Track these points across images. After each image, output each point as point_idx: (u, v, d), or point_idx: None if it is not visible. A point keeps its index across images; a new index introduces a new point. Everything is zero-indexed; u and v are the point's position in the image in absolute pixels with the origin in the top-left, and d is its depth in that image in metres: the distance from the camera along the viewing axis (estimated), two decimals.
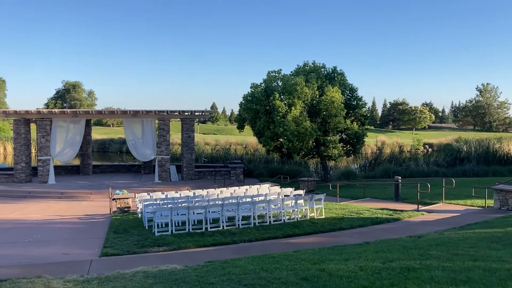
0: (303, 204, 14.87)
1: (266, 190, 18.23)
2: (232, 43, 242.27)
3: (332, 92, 25.96)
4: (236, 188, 18.31)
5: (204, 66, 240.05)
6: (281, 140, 26.77)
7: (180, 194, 17.26)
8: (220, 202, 13.71)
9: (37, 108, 38.89)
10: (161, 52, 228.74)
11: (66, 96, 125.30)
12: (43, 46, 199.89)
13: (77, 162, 33.25)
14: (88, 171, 30.30)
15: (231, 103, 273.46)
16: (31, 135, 27.49)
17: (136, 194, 17.21)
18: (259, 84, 28.79)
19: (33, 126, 28.31)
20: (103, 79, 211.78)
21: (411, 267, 7.09)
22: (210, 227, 12.79)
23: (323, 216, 14.57)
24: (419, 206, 16.47)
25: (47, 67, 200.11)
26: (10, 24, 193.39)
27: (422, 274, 6.53)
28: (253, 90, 28.20)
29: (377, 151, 46.84)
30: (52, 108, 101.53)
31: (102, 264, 9.00)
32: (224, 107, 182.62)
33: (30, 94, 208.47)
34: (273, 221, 13.78)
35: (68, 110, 26.65)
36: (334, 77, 28.49)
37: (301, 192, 17.19)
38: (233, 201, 14.55)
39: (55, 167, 27.17)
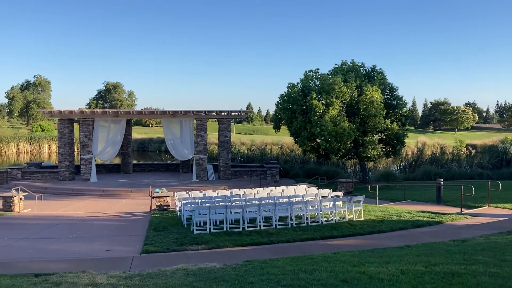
0: (341, 206, 14.70)
1: (303, 191, 18.11)
2: (269, 43, 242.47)
3: (371, 91, 25.50)
4: (273, 188, 18.29)
5: (240, 66, 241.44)
6: (318, 140, 26.54)
7: (217, 193, 17.42)
8: (257, 202, 13.72)
9: (79, 108, 40.22)
10: (199, 53, 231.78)
11: (107, 97, 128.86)
12: (86, 47, 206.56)
13: (117, 161, 34.14)
14: (129, 170, 31.04)
15: (267, 103, 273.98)
16: (74, 134, 28.43)
17: (175, 193, 17.49)
18: (296, 84, 28.65)
19: (76, 126, 29.29)
20: (143, 79, 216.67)
21: (456, 272, 6.86)
22: (248, 227, 12.82)
23: (362, 218, 14.32)
24: (463, 209, 15.93)
25: (89, 68, 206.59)
26: (55, 26, 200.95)
27: (468, 280, 6.31)
28: (289, 90, 28.09)
29: (418, 152, 45.70)
30: (93, 108, 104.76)
31: (143, 261, 9.18)
32: (259, 107, 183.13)
33: (73, 95, 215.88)
34: (311, 222, 13.67)
35: (110, 110, 27.41)
36: (373, 76, 27.98)
37: (339, 193, 16.99)
38: (270, 201, 14.54)
39: (97, 166, 27.99)
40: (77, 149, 36.42)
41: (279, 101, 28.65)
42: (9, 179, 26.58)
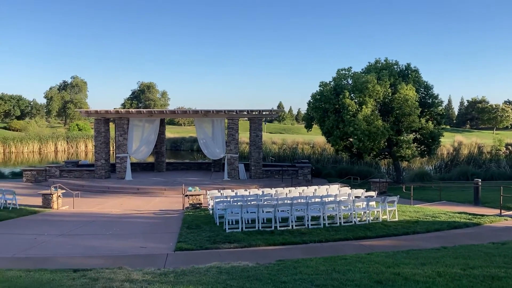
0: (375, 206, 14.49)
1: (336, 190, 17.95)
2: (300, 42, 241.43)
3: (406, 89, 24.99)
4: (305, 188, 18.20)
5: (271, 65, 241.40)
6: (351, 139, 26.22)
7: (249, 192, 17.48)
8: (289, 202, 13.69)
9: (114, 108, 41.17)
10: (231, 53, 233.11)
11: (141, 97, 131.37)
12: (121, 48, 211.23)
13: (151, 159, 34.75)
14: (162, 168, 31.55)
15: (298, 102, 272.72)
16: (110, 133, 29.12)
17: (207, 191, 17.66)
18: (328, 82, 28.39)
19: (112, 125, 30.00)
20: (176, 79, 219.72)
21: (496, 276, 6.65)
22: (280, 226, 12.80)
23: (396, 219, 14.07)
24: (502, 211, 15.39)
25: (124, 69, 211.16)
26: (92, 28, 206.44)
27: (508, 284, 6.11)
28: (322, 89, 27.87)
29: (454, 152, 44.52)
30: (128, 108, 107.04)
31: (177, 258, 9.32)
32: (290, 106, 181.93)
33: (108, 95, 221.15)
34: (344, 222, 13.54)
35: (144, 110, 27.93)
36: (407, 74, 27.41)
37: (372, 193, 16.74)
38: (302, 201, 14.47)
39: (132, 164, 28.56)
40: (113, 148, 37.25)
41: (311, 100, 28.47)
42: (47, 177, 27.50)
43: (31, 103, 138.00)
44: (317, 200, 14.76)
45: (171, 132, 75.83)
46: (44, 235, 12.50)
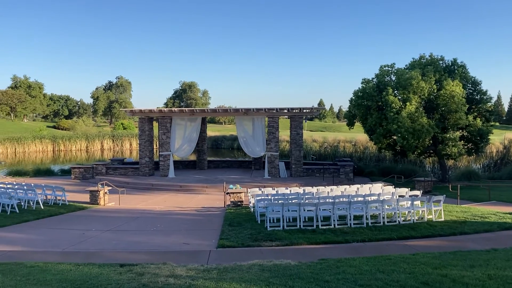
0: (419, 206, 14.09)
1: (379, 189, 17.59)
2: (341, 38, 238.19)
3: (452, 85, 24.12)
4: (347, 186, 17.95)
5: (312, 62, 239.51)
6: (395, 137, 25.59)
7: (290, 191, 17.42)
8: (331, 200, 13.54)
9: (157, 107, 42.08)
10: (271, 51, 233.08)
11: (183, 96, 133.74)
12: (164, 49, 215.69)
13: (193, 157, 35.26)
14: (204, 166, 31.99)
15: (339, 100, 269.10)
16: (153, 132, 29.79)
17: (248, 189, 17.74)
18: (370, 79, 27.83)
19: (155, 124, 30.67)
20: (216, 78, 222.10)
21: None
22: (321, 225, 12.68)
23: (442, 219, 13.62)
24: None
25: (167, 69, 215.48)
26: (137, 30, 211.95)
27: None
28: (364, 86, 27.35)
29: (504, 150, 42.53)
30: (170, 107, 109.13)
31: (220, 255, 9.41)
32: (331, 104, 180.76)
33: (151, 94, 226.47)
34: (387, 222, 13.26)
35: (186, 109, 28.38)
36: (454, 70, 26.44)
37: (417, 192, 16.29)
38: (344, 199, 14.27)
39: (174, 162, 29.10)
40: (156, 146, 38.12)
41: (353, 97, 28.00)
42: (94, 174, 28.47)
43: (79, 103, 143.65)
44: (359, 199, 14.53)
45: (212, 131, 76.69)
46: (91, 231, 12.96)
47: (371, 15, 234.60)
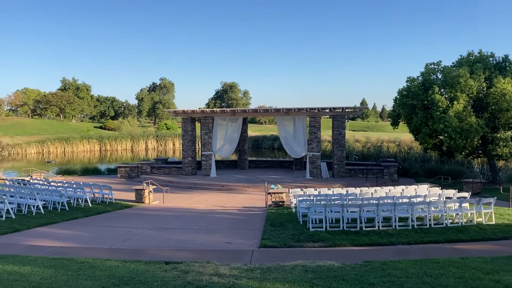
0: (468, 208, 13.57)
1: (425, 191, 17.09)
2: (385, 37, 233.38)
3: (503, 83, 23.04)
4: (391, 187, 17.55)
5: (354, 61, 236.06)
6: (441, 137, 24.78)
7: (332, 192, 17.22)
8: (375, 202, 13.28)
9: (199, 108, 42.74)
10: (311, 50, 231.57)
11: (224, 96, 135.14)
12: (206, 50, 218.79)
13: (234, 157, 35.54)
14: (245, 166, 32.18)
15: (383, 99, 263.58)
16: (196, 132, 30.25)
17: (290, 189, 17.68)
18: (415, 77, 27.05)
19: (197, 124, 31.15)
20: (257, 79, 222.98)
21: None
22: (365, 227, 12.45)
23: (493, 222, 13.06)
24: None
25: (208, 70, 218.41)
26: (178, 33, 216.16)
27: None
28: (409, 84, 26.62)
29: None
30: (212, 108, 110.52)
31: (262, 255, 9.41)
32: (374, 103, 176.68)
33: (193, 95, 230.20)
34: (434, 224, 12.84)
35: (228, 109, 28.63)
36: (505, 67, 25.25)
37: (465, 194, 15.70)
38: (389, 201, 13.94)
39: (216, 162, 29.43)
40: (198, 146, 38.66)
41: (397, 96, 27.30)
42: (139, 173, 29.23)
43: (124, 104, 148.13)
44: (405, 200, 14.16)
45: (252, 131, 77.08)
46: (137, 228, 13.30)
47: (415, 13, 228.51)
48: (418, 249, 10.16)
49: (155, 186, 20.54)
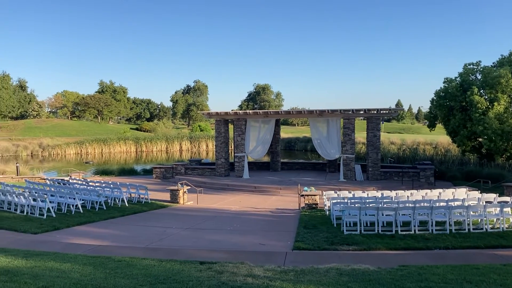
0: (510, 213, 13.09)
1: (463, 194, 16.59)
2: (422, 38, 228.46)
3: None
4: (428, 191, 17.15)
5: (388, 61, 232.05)
6: (480, 139, 24.11)
7: (367, 194, 16.97)
8: (411, 205, 13.00)
9: (232, 110, 43.09)
10: (344, 51, 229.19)
11: (256, 98, 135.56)
12: (238, 52, 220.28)
13: (267, 159, 35.55)
14: (277, 168, 32.15)
15: (419, 100, 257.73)
16: (229, 134, 30.47)
17: (323, 192, 17.55)
18: (453, 78, 26.42)
19: (230, 126, 31.37)
20: (289, 80, 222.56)
21: None
22: (401, 230, 12.22)
23: None
24: None
25: (241, 72, 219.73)
26: (211, 36, 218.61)
27: None
28: (446, 85, 26.01)
29: None
30: (244, 110, 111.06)
31: (296, 257, 9.39)
32: (410, 105, 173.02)
33: (226, 97, 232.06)
34: (473, 229, 12.46)
35: (260, 111, 28.69)
36: None
37: (507, 199, 15.13)
38: (426, 204, 13.63)
39: (248, 163, 29.52)
40: (231, 147, 38.94)
41: (434, 98, 26.74)
42: (174, 174, 29.69)
43: (159, 106, 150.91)
44: (442, 204, 13.81)
45: (285, 132, 76.99)
46: (172, 228, 13.52)
47: (454, 12, 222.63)
48: (456, 254, 9.89)
49: (189, 187, 20.82)
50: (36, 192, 17.35)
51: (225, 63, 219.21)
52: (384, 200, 14.91)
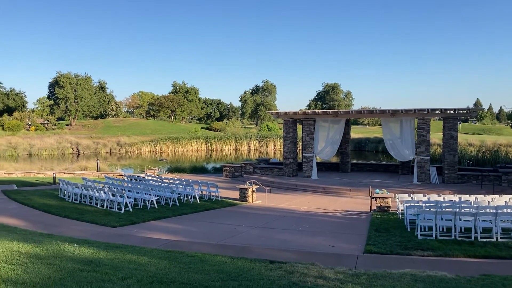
0: None
1: None
2: (502, 34, 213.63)
3: None
4: (511, 196, 15.99)
5: (466, 59, 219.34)
6: None
7: (443, 198, 16.19)
8: (492, 211, 12.20)
9: (300, 109, 42.82)
10: (419, 49, 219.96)
11: (325, 98, 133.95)
12: (307, 51, 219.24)
13: (335, 159, 35.01)
14: (346, 169, 31.53)
15: (500, 99, 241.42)
16: (297, 133, 30.39)
17: (396, 195, 16.97)
18: None
19: (298, 126, 31.27)
20: (359, 79, 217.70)
21: None
22: (480, 237, 11.51)
23: None
24: None
25: (309, 71, 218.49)
26: (280, 37, 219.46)
27: None
28: None
29: None
30: (313, 109, 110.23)
31: (368, 261, 9.16)
32: (490, 104, 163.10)
33: (294, 97, 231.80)
34: None
35: (330, 110, 28.30)
36: None
37: None
38: (509, 210, 12.73)
39: (317, 164, 29.24)
40: (299, 147, 38.81)
41: None
42: (243, 173, 30.15)
43: (228, 106, 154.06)
44: None
45: (355, 133, 75.39)
46: (242, 226, 13.74)
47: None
48: None
49: (258, 186, 21.03)
50: (115, 188, 18.38)
51: (294, 63, 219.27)
52: (462, 205, 14.10)
